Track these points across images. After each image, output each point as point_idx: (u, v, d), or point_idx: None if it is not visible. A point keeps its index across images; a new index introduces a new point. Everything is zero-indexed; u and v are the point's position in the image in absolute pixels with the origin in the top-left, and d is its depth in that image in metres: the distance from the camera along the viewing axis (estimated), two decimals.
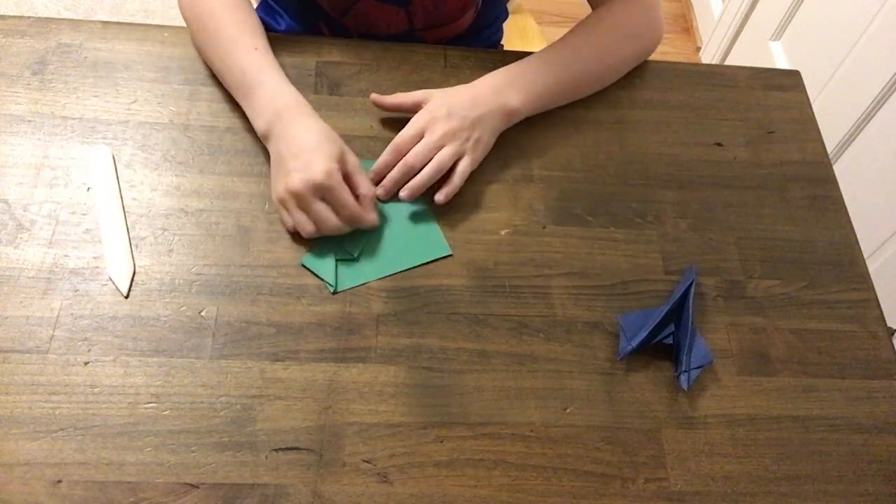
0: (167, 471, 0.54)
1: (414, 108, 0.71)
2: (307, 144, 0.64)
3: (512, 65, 0.74)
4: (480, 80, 0.73)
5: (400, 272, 0.65)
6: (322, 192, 0.62)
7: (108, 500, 0.53)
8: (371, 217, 0.65)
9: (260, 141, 0.71)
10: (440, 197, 0.68)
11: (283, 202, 0.64)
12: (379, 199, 0.69)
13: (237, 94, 0.70)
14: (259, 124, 0.67)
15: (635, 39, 0.79)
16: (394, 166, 0.68)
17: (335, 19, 0.85)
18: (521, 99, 0.72)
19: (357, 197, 0.65)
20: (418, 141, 0.68)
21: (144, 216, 0.66)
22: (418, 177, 0.67)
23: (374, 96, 0.73)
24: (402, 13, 0.82)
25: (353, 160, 0.66)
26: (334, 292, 0.63)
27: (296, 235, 0.65)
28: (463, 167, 0.69)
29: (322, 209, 0.63)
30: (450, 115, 0.69)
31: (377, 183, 0.68)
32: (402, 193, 0.67)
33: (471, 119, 0.69)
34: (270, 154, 0.67)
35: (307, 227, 0.63)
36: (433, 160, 0.67)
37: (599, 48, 0.77)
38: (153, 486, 0.54)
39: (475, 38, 0.94)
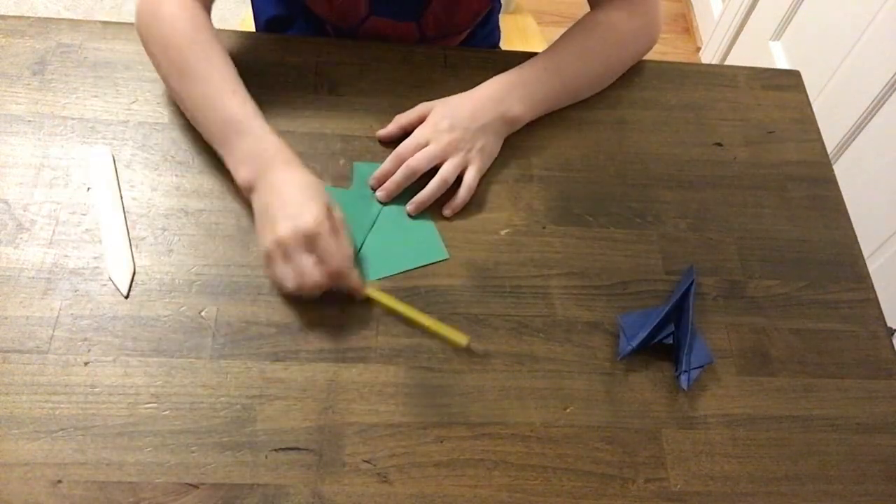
0: (167, 471, 0.54)
1: (417, 124, 0.71)
2: (296, 193, 0.60)
3: (512, 71, 0.74)
4: (481, 87, 0.72)
5: (397, 274, 0.65)
6: (310, 241, 0.58)
7: (108, 500, 0.53)
8: (356, 276, 0.61)
9: None
10: (447, 212, 0.69)
11: (270, 255, 0.59)
12: (379, 202, 0.69)
13: (215, 141, 0.65)
14: (242, 174, 0.63)
15: (634, 42, 0.79)
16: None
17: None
18: (523, 107, 0.73)
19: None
20: (420, 150, 0.68)
21: (144, 216, 0.66)
22: (424, 191, 0.68)
23: (379, 133, 0.72)
24: (413, 27, 0.82)
25: (339, 215, 0.61)
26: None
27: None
28: (469, 180, 0.69)
29: (306, 262, 0.58)
30: (452, 126, 0.69)
31: (376, 188, 0.69)
32: (409, 208, 0.68)
33: (473, 130, 0.69)
34: (254, 207, 0.62)
35: (287, 283, 0.59)
36: (438, 174, 0.68)
37: (599, 53, 0.77)
38: (153, 486, 0.54)
39: (471, 39, 0.94)
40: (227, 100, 0.64)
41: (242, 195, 0.64)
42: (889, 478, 0.59)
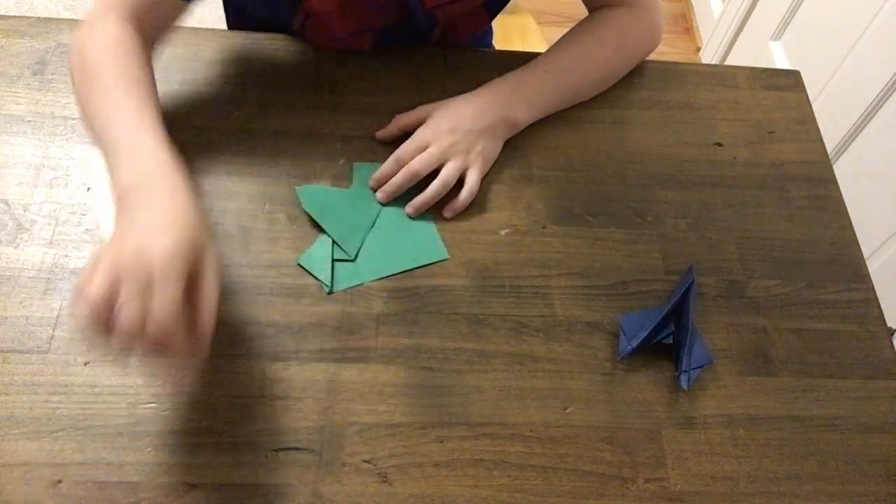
0: (167, 471, 0.54)
1: (417, 125, 0.71)
2: (162, 216, 0.49)
3: (513, 73, 0.74)
4: (482, 90, 0.72)
5: (397, 274, 0.65)
6: (148, 277, 0.46)
7: (108, 500, 0.53)
8: (187, 351, 0.47)
9: (259, 141, 0.71)
10: (448, 213, 0.69)
11: (96, 265, 0.47)
12: (379, 203, 0.69)
13: (107, 154, 0.56)
14: (122, 181, 0.52)
15: (635, 45, 0.79)
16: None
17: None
18: (525, 110, 0.73)
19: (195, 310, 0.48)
20: (421, 153, 0.68)
21: None
22: (425, 193, 0.68)
23: (379, 133, 0.72)
24: None
25: (213, 260, 0.49)
26: (329, 292, 0.63)
27: (295, 239, 0.66)
28: (471, 183, 0.69)
29: (132, 304, 0.45)
30: (454, 129, 0.69)
31: (376, 189, 0.69)
32: (408, 210, 0.68)
33: (475, 132, 0.69)
34: (120, 215, 0.51)
35: (97, 292, 0.45)
36: (439, 177, 0.68)
37: (600, 55, 0.77)
38: (153, 486, 0.53)
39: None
40: (126, 114, 0.57)
41: (115, 202, 0.53)
42: (889, 478, 0.59)
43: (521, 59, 0.76)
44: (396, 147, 0.69)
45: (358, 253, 0.66)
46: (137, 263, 0.46)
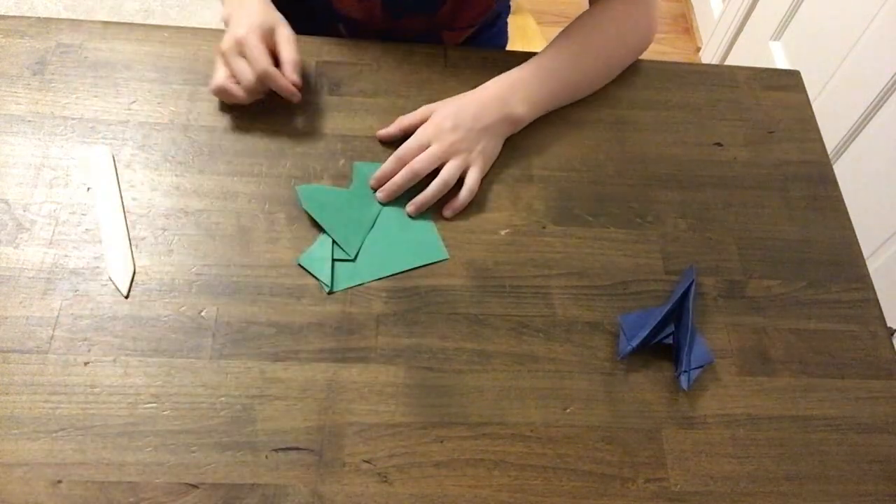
0: (167, 471, 0.54)
1: (419, 126, 0.71)
2: (245, 16, 0.70)
3: (513, 71, 0.74)
4: (483, 88, 0.72)
5: (397, 274, 0.65)
6: (240, 46, 0.68)
7: (108, 500, 0.53)
8: (286, 82, 0.68)
9: (259, 141, 0.71)
10: (448, 213, 0.69)
11: (216, 61, 0.70)
12: (379, 203, 0.69)
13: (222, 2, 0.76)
14: (224, 12, 0.73)
15: (634, 38, 0.79)
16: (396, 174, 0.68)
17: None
18: (525, 107, 0.73)
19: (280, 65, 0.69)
20: (422, 152, 0.68)
21: (144, 216, 0.66)
22: (425, 192, 0.68)
23: (380, 133, 0.72)
24: (425, 21, 0.83)
25: (284, 33, 0.70)
26: (330, 292, 0.63)
27: (296, 238, 0.66)
28: (471, 182, 0.69)
29: (240, 64, 0.68)
30: (455, 127, 0.69)
31: (377, 189, 0.69)
32: (409, 208, 0.68)
33: (476, 130, 0.69)
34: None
35: (219, 78, 0.69)
36: (440, 176, 0.68)
37: (600, 50, 0.77)
38: (153, 486, 0.54)
39: (478, 38, 0.94)
40: None
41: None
42: (889, 478, 0.59)
43: (521, 59, 0.76)
44: (397, 147, 0.69)
45: (358, 253, 0.66)
46: (232, 45, 0.68)
